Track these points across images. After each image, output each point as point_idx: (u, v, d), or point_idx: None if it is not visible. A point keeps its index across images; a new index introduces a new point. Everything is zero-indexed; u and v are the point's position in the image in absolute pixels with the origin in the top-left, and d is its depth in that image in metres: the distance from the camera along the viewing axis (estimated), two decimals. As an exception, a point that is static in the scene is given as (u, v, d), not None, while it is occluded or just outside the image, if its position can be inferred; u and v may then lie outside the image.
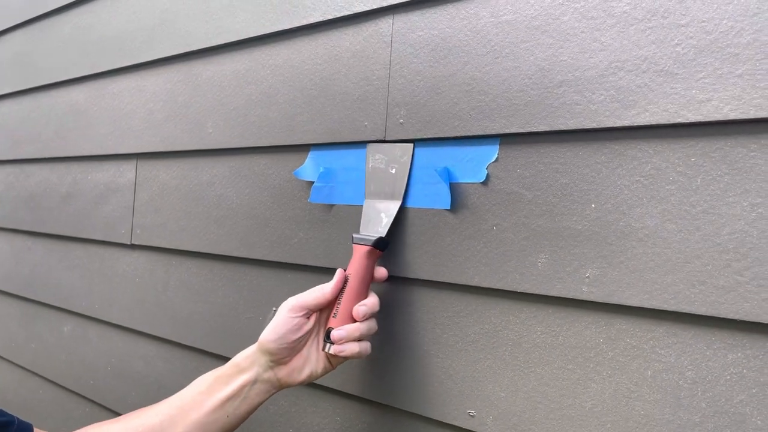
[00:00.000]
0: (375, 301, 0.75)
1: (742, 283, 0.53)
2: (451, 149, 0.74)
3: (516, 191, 0.68)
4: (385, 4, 0.80)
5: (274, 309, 0.75)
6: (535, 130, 0.66)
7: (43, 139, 1.51)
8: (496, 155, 0.70)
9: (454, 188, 0.73)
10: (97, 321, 1.31)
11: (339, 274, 0.75)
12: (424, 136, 0.76)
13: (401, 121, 0.79)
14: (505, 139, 0.70)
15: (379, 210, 0.79)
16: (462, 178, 0.73)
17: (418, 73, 0.77)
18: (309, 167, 0.90)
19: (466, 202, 0.72)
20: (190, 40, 1.10)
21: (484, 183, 0.71)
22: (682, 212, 0.57)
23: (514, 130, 0.68)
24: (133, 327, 1.21)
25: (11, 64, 1.67)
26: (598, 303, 0.62)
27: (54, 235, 1.46)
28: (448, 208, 0.73)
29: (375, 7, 0.82)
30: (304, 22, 0.91)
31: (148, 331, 1.17)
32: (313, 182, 0.88)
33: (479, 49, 0.72)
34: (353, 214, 0.83)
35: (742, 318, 0.53)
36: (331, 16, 0.87)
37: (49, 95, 1.51)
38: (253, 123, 0.98)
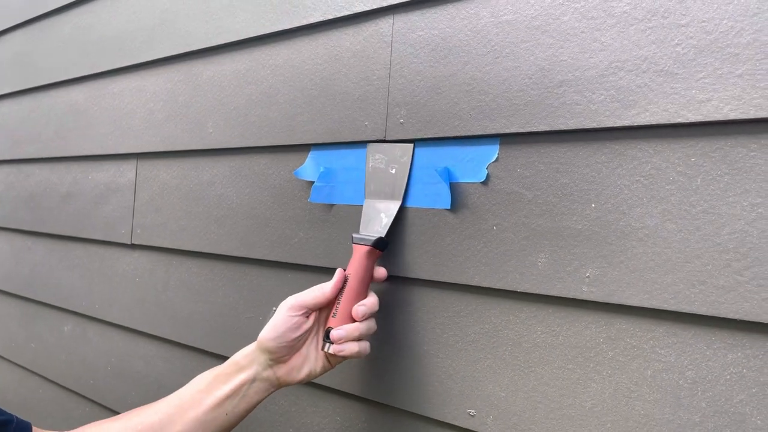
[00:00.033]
0: (374, 301, 0.75)
1: (742, 282, 0.53)
2: (452, 149, 0.74)
3: (516, 191, 0.68)
4: (386, 4, 0.80)
5: (274, 309, 0.75)
6: (535, 129, 0.67)
7: (43, 139, 1.51)
8: (497, 155, 0.70)
9: (455, 188, 0.73)
10: (97, 321, 1.31)
11: (339, 274, 0.75)
12: (425, 136, 0.76)
13: (401, 120, 0.79)
14: (506, 139, 0.70)
15: (379, 210, 0.79)
16: (462, 178, 0.73)
17: (419, 73, 0.77)
18: (309, 167, 0.90)
19: (467, 202, 0.72)
20: (191, 40, 1.10)
21: (485, 183, 0.71)
22: (682, 212, 0.57)
23: (515, 129, 0.68)
24: (133, 327, 1.21)
25: (11, 64, 1.67)
26: (598, 303, 0.62)
27: (54, 235, 1.46)
28: (449, 207, 0.73)
29: (375, 7, 0.82)
30: (305, 22, 0.91)
31: (148, 331, 1.18)
32: (313, 182, 0.89)
33: (479, 49, 0.72)
34: (353, 214, 0.83)
35: (742, 318, 0.53)
36: (332, 16, 0.87)
37: (49, 95, 1.51)
38: (254, 123, 0.98)
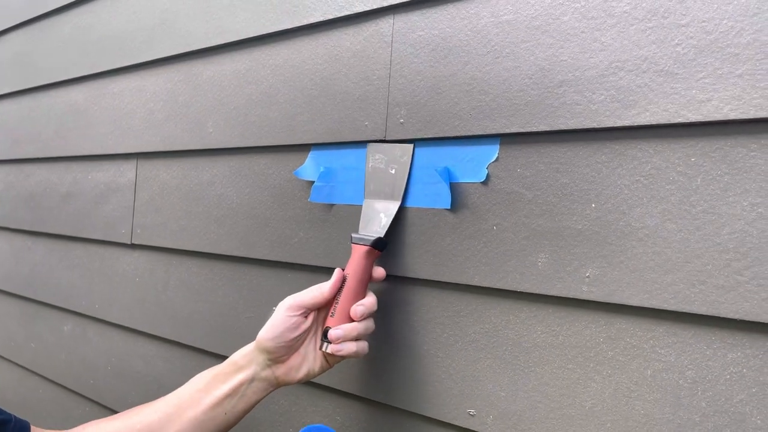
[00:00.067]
0: (373, 300, 0.75)
1: (742, 282, 0.53)
2: (452, 149, 0.74)
3: (516, 191, 0.68)
4: (386, 3, 0.80)
5: (274, 309, 0.75)
6: (535, 129, 0.67)
7: (43, 138, 1.51)
8: (497, 155, 0.70)
9: (455, 188, 0.73)
10: (97, 320, 1.31)
11: (337, 274, 0.75)
12: (425, 136, 0.76)
13: (402, 120, 0.79)
14: (506, 139, 0.70)
15: (379, 210, 0.79)
16: (462, 178, 0.73)
17: (419, 73, 0.77)
18: (309, 167, 0.90)
19: (467, 202, 0.72)
20: (191, 39, 1.10)
21: (485, 183, 0.71)
22: (682, 212, 0.57)
23: (515, 129, 0.68)
24: (133, 326, 1.21)
25: (11, 64, 1.67)
26: (598, 302, 0.62)
27: (54, 235, 1.46)
28: (449, 207, 0.73)
29: (375, 6, 0.82)
30: (305, 22, 0.91)
31: (148, 331, 1.18)
32: (313, 182, 0.89)
33: (480, 49, 0.72)
34: (353, 214, 0.83)
35: (742, 317, 0.53)
36: (332, 16, 0.87)
37: (49, 95, 1.51)
38: (254, 123, 0.98)
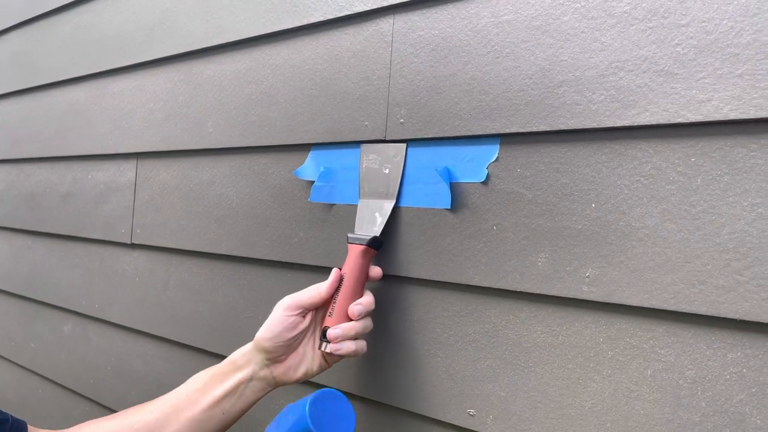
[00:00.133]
0: (370, 299, 0.75)
1: (741, 282, 0.53)
2: (452, 149, 0.74)
3: (516, 191, 0.68)
4: (386, 3, 0.80)
5: None
6: (535, 129, 0.67)
7: (43, 138, 1.51)
8: (497, 155, 0.70)
9: (455, 188, 0.73)
10: (97, 320, 1.31)
11: (334, 274, 0.75)
12: (425, 136, 0.76)
13: (402, 120, 0.79)
14: (506, 139, 0.70)
15: (374, 210, 0.79)
16: (462, 178, 0.73)
17: (419, 73, 0.77)
18: (309, 167, 0.90)
19: (467, 202, 0.72)
20: (191, 39, 1.10)
21: (485, 183, 0.71)
22: (682, 212, 0.57)
23: (515, 129, 0.68)
24: (133, 326, 1.21)
25: (11, 63, 1.67)
26: (598, 302, 0.62)
27: (54, 235, 1.46)
28: (449, 207, 0.73)
29: (375, 6, 0.82)
30: (305, 22, 0.91)
31: (148, 331, 1.18)
32: (313, 182, 0.89)
33: (480, 49, 0.72)
34: (353, 214, 0.83)
35: (742, 317, 0.53)
36: (332, 16, 0.87)
37: (49, 95, 1.51)
38: (254, 122, 0.98)
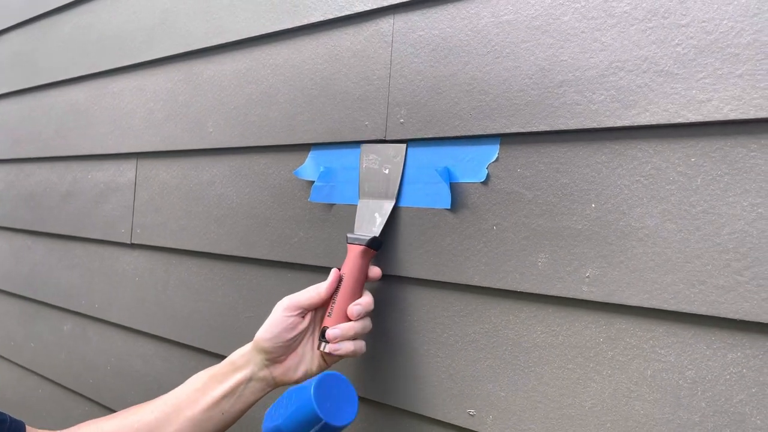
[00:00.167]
0: (369, 300, 0.75)
1: (741, 282, 0.53)
2: (452, 149, 0.74)
3: (516, 191, 0.68)
4: (386, 3, 0.80)
5: None
6: (535, 129, 0.67)
7: (43, 138, 1.51)
8: (497, 155, 0.70)
9: (455, 188, 0.73)
10: (97, 320, 1.31)
11: (333, 274, 0.75)
12: (425, 136, 0.76)
13: (402, 120, 0.79)
14: (506, 139, 0.70)
15: (373, 210, 0.79)
16: (462, 178, 0.73)
17: (419, 73, 0.77)
18: (309, 167, 0.90)
19: (467, 202, 0.72)
20: (191, 39, 1.10)
21: (485, 183, 0.71)
22: (682, 212, 0.57)
23: (515, 129, 0.68)
24: (133, 326, 1.21)
25: (11, 63, 1.67)
26: (598, 302, 0.62)
27: (54, 234, 1.46)
28: (449, 207, 0.73)
29: (376, 6, 0.82)
30: (305, 22, 0.91)
31: (148, 330, 1.17)
32: (313, 182, 0.89)
33: (480, 49, 0.72)
34: (353, 214, 0.83)
35: (742, 318, 0.53)
36: (332, 16, 0.87)
37: (49, 94, 1.51)
38: (254, 122, 0.98)
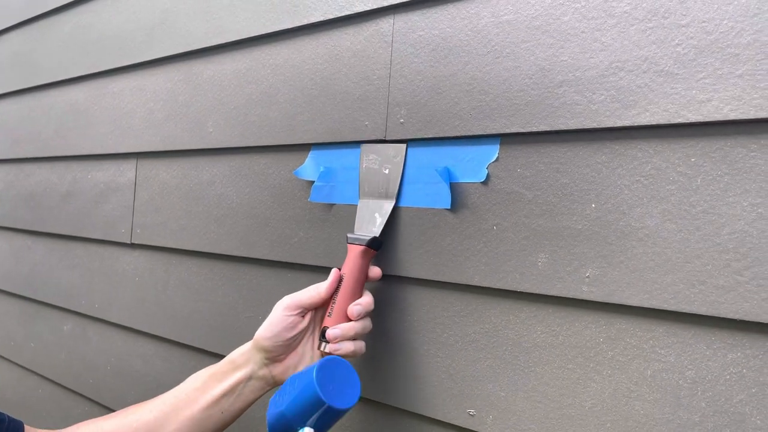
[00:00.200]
0: (369, 300, 0.75)
1: (741, 282, 0.54)
2: (452, 149, 0.74)
3: (516, 191, 0.68)
4: (386, 3, 0.80)
5: None
6: (535, 129, 0.67)
7: (43, 138, 1.51)
8: (497, 155, 0.70)
9: (455, 188, 0.73)
10: (97, 320, 1.31)
11: (334, 274, 0.75)
12: (425, 136, 0.76)
13: (402, 120, 0.79)
14: (506, 139, 0.70)
15: (373, 210, 0.79)
16: (462, 178, 0.73)
17: (419, 73, 0.77)
18: (309, 167, 0.90)
19: (467, 202, 0.72)
20: (191, 39, 1.10)
21: (485, 183, 0.71)
22: (682, 212, 0.57)
23: (515, 129, 0.68)
24: (133, 326, 1.21)
25: (11, 63, 1.67)
26: (598, 303, 0.62)
27: (54, 234, 1.46)
28: (449, 207, 0.73)
29: (376, 6, 0.82)
30: (305, 22, 0.91)
31: (148, 330, 1.18)
32: (313, 182, 0.89)
33: (480, 49, 0.72)
34: (353, 214, 0.83)
35: (742, 318, 0.53)
36: (332, 16, 0.87)
37: (49, 94, 1.51)
38: (254, 122, 0.98)
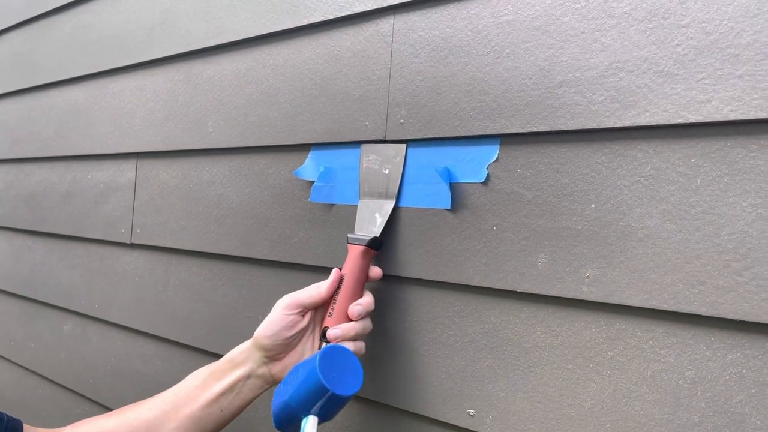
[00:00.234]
0: (370, 300, 0.75)
1: (741, 283, 0.54)
2: (452, 149, 0.74)
3: (516, 191, 0.68)
4: (386, 4, 0.80)
5: None
6: (535, 130, 0.67)
7: (43, 138, 1.51)
8: (497, 155, 0.70)
9: (455, 188, 0.73)
10: (97, 320, 1.31)
11: (335, 274, 0.75)
12: (425, 136, 0.76)
13: (402, 121, 0.79)
14: (506, 139, 0.70)
15: (374, 210, 0.79)
16: (462, 178, 0.73)
17: (419, 73, 0.77)
18: (309, 167, 0.90)
19: (467, 202, 0.72)
20: (191, 39, 1.10)
21: (485, 183, 0.71)
22: (682, 212, 0.57)
23: (515, 130, 0.68)
24: (133, 326, 1.21)
25: (11, 63, 1.67)
26: (597, 303, 0.62)
27: (54, 234, 1.46)
28: (449, 207, 0.73)
29: (376, 7, 0.82)
30: (305, 22, 0.91)
31: (148, 330, 1.18)
32: (313, 182, 0.89)
33: (480, 50, 0.72)
34: (353, 214, 0.83)
35: (742, 318, 0.53)
36: (332, 16, 0.87)
37: (49, 94, 1.51)
38: (254, 122, 0.98)
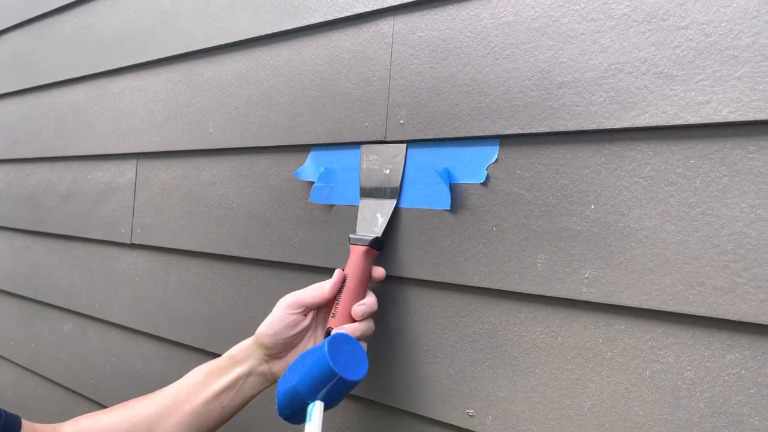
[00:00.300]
0: (373, 300, 0.75)
1: (740, 284, 0.54)
2: (451, 150, 0.74)
3: (516, 192, 0.69)
4: (386, 5, 0.81)
5: None
6: (535, 131, 0.67)
7: (43, 138, 1.51)
8: (496, 156, 0.70)
9: (454, 189, 0.74)
10: (97, 320, 1.31)
11: (338, 274, 0.75)
12: (425, 137, 0.76)
13: (401, 121, 0.79)
14: (505, 140, 0.70)
15: (375, 210, 0.79)
16: (462, 179, 0.73)
17: (419, 74, 0.78)
18: (309, 167, 0.90)
19: (466, 203, 0.73)
20: (191, 40, 1.10)
21: (484, 184, 0.71)
22: (681, 213, 0.57)
23: (514, 131, 0.68)
24: (133, 326, 1.21)
25: (11, 63, 1.67)
26: (597, 303, 0.62)
27: (54, 235, 1.46)
28: (448, 208, 0.74)
29: (376, 8, 0.82)
30: (305, 23, 0.91)
31: (148, 330, 1.18)
32: (313, 182, 0.89)
33: (479, 51, 0.72)
34: (353, 214, 0.83)
35: (741, 319, 0.53)
36: (332, 17, 0.87)
37: (49, 95, 1.51)
38: (254, 123, 0.98)
